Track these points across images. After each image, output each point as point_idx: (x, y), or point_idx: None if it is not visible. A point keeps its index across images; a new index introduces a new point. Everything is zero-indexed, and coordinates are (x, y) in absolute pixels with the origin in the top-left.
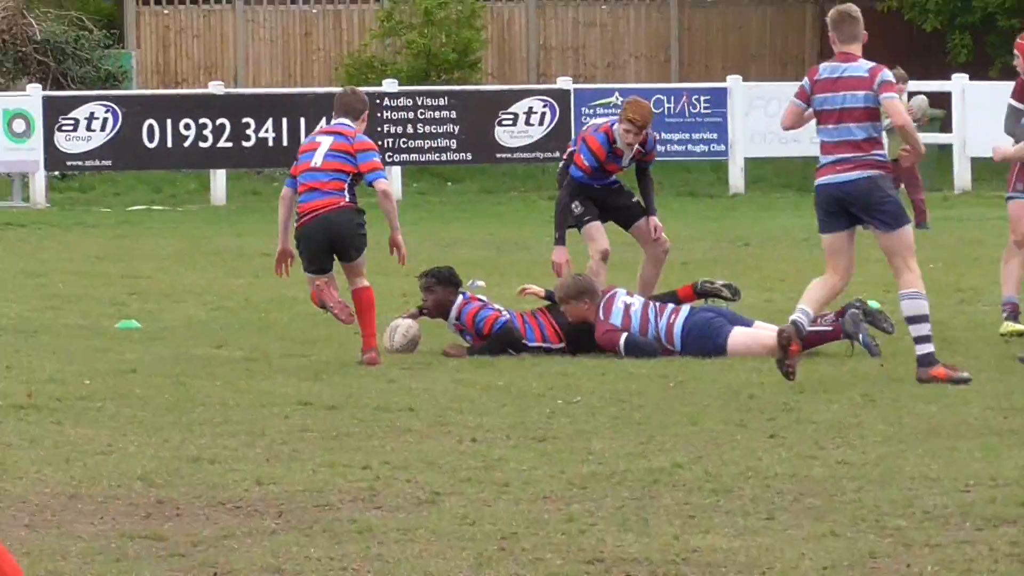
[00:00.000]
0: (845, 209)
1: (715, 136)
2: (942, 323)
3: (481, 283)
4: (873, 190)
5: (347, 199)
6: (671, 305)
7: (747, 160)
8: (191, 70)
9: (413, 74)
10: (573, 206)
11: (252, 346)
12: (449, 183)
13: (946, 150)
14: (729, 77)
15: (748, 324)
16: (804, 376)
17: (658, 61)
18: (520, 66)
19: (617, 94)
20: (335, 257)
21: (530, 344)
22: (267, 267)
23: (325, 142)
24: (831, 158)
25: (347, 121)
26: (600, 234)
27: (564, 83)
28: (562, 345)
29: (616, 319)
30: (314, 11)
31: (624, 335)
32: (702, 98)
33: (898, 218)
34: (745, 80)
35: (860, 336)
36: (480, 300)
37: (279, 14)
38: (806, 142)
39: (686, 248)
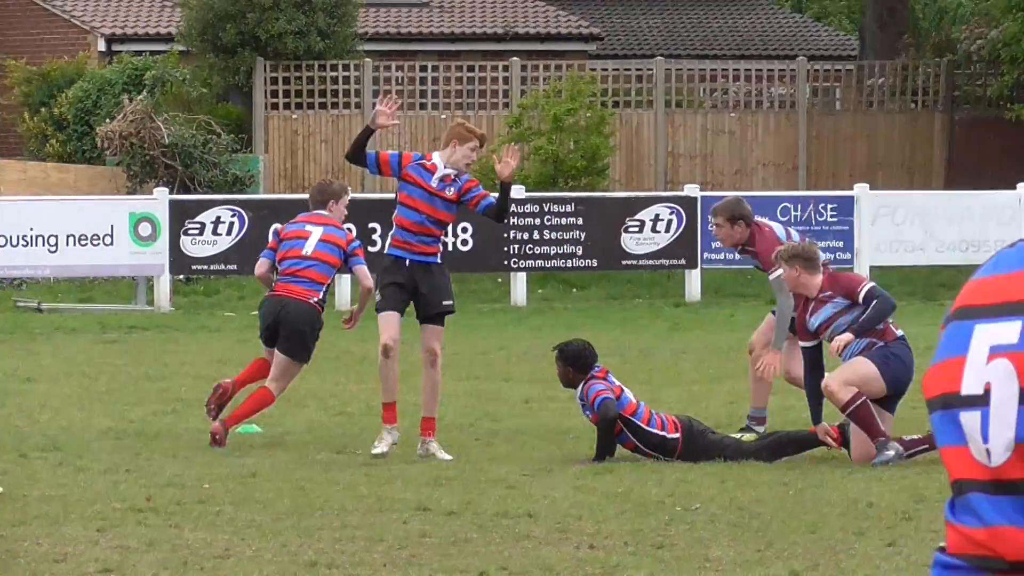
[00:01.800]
0: None
1: (841, 244)
2: None
3: None
4: None
5: (319, 297)
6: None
7: (872, 268)
8: (318, 174)
9: (541, 180)
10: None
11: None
12: (574, 289)
13: None
14: (856, 185)
15: None
16: (924, 484)
17: (786, 169)
18: (648, 173)
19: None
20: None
21: (644, 427)
22: None
23: (316, 232)
24: None
25: (324, 212)
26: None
27: (691, 190)
28: (677, 436)
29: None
30: (443, 116)
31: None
32: (829, 206)
33: None
34: (872, 188)
35: None
36: (607, 381)
37: (408, 119)
38: (931, 251)
39: None
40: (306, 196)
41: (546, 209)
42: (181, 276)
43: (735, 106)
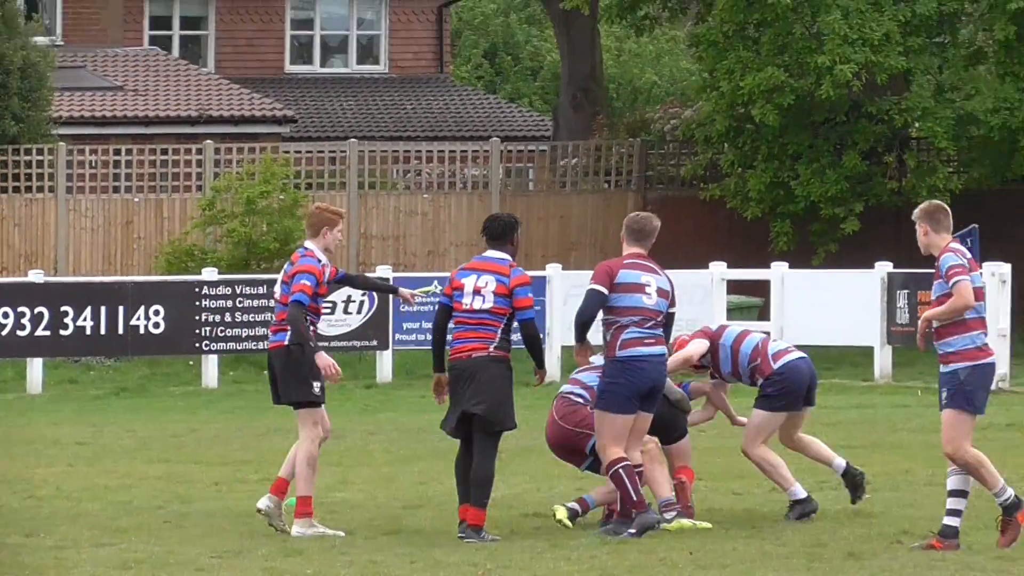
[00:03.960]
0: None
1: None
2: None
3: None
4: None
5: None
6: None
7: (564, 348)
8: (11, 259)
9: (233, 262)
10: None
11: (62, 535)
12: (266, 372)
13: None
14: (549, 266)
15: None
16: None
17: (479, 249)
18: (340, 254)
19: (436, 282)
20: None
21: None
22: (80, 456)
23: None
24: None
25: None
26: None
27: (383, 271)
28: None
29: None
30: (136, 200)
31: None
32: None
33: None
34: (565, 268)
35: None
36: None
37: (101, 203)
38: None
39: None
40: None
41: (238, 291)
42: None
43: (428, 187)
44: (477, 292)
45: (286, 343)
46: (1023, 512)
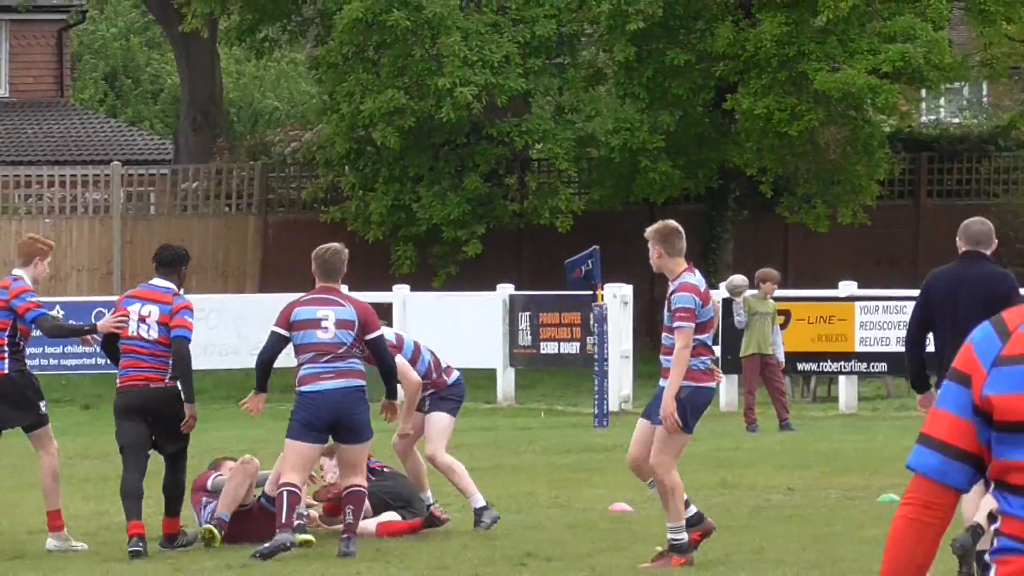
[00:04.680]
0: None
1: None
2: None
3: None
4: None
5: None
6: None
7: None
8: None
9: None
10: None
11: None
12: None
13: None
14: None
15: None
16: None
17: (100, 274)
18: None
19: (59, 307)
20: None
21: None
22: None
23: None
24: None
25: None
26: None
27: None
28: None
29: None
30: None
31: None
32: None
33: None
34: (187, 293)
35: None
36: None
37: None
38: (245, 354)
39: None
40: None
41: None
42: None
43: (50, 212)
44: (143, 320)
45: (6, 371)
46: (682, 557)
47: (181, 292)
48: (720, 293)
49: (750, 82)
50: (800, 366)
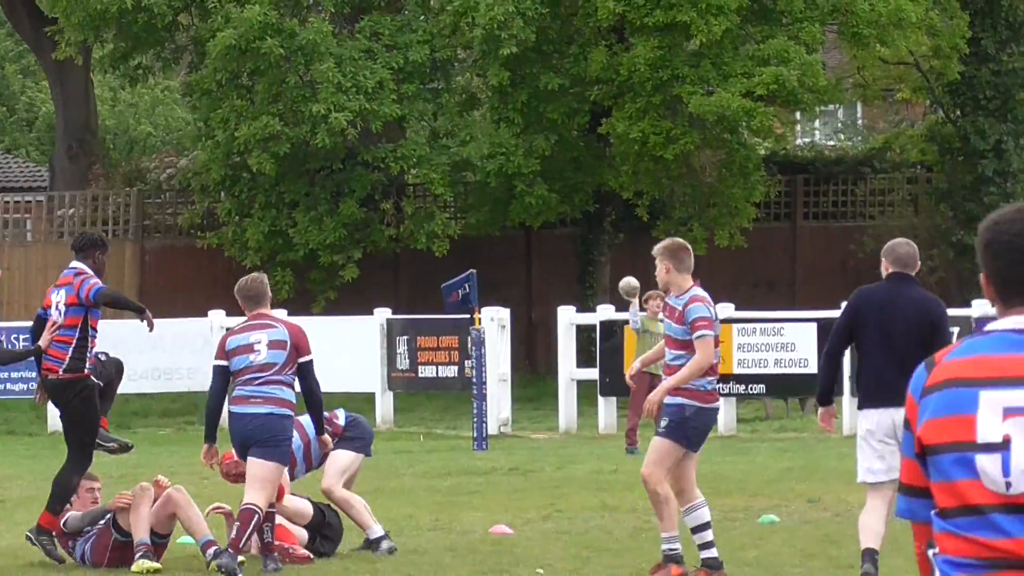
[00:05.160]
0: None
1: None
2: None
3: None
4: None
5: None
6: None
7: None
8: None
9: None
10: None
11: None
12: None
13: None
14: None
15: None
16: None
17: None
18: None
19: None
20: None
21: None
22: None
23: None
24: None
25: None
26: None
27: None
28: None
29: None
30: None
31: None
32: (21, 336)
33: None
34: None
35: None
36: None
37: None
38: (124, 380)
39: (3, 487)
40: None
41: None
42: None
43: None
44: (56, 307)
45: None
46: (677, 568)
47: (88, 276)
48: (599, 316)
49: (625, 106)
50: None
